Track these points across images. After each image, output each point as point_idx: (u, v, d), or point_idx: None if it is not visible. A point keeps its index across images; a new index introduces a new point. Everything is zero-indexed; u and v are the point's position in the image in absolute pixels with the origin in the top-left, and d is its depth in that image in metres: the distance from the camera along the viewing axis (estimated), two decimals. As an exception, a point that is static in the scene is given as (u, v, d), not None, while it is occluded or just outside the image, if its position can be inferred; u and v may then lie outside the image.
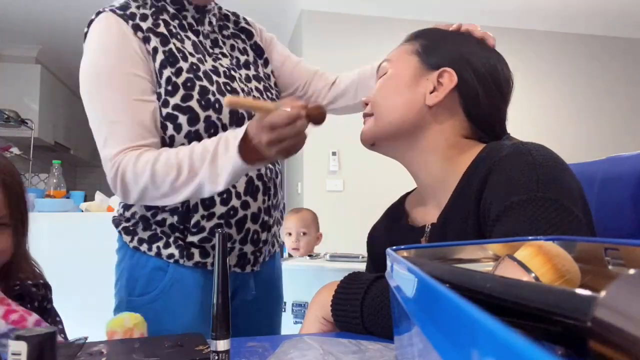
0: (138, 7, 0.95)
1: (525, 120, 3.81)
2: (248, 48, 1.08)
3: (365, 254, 0.93)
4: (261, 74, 1.06)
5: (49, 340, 0.39)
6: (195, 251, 0.96)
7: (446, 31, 0.82)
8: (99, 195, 2.72)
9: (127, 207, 1.00)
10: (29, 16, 3.83)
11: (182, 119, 0.89)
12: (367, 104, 0.82)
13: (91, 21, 0.93)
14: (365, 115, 0.82)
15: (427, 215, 0.77)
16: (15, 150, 4.01)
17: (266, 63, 1.10)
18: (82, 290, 2.39)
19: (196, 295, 0.96)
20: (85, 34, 0.95)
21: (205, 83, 0.92)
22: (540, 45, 4.09)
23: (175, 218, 0.94)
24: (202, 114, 0.90)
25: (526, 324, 0.29)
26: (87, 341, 0.56)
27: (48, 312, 0.95)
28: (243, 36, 1.09)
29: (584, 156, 0.84)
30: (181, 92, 0.90)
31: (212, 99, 0.91)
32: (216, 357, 0.46)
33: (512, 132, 0.80)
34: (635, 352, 0.21)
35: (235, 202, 0.95)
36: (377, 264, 0.87)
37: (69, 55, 4.61)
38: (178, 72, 0.91)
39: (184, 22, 0.99)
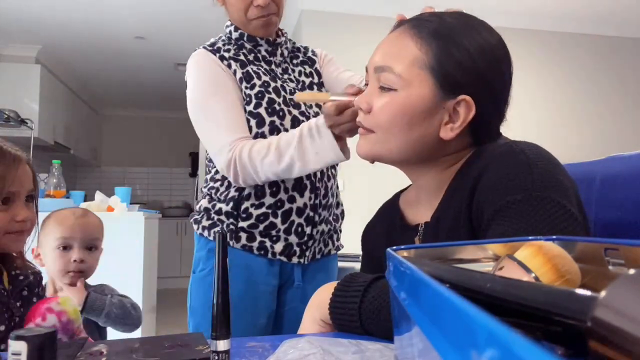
0: (224, 44, 1.20)
1: (525, 120, 3.81)
2: (314, 72, 1.29)
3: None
4: (323, 92, 1.25)
5: (49, 340, 0.39)
6: (243, 235, 1.14)
7: (453, 22, 0.70)
8: (99, 195, 2.71)
9: (197, 203, 1.23)
10: (29, 16, 3.82)
11: (253, 122, 1.12)
12: (363, 111, 0.73)
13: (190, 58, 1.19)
14: (364, 128, 0.73)
15: (421, 214, 0.77)
16: (15, 150, 4.01)
17: (321, 85, 1.29)
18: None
19: (241, 274, 1.13)
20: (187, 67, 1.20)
21: (273, 96, 1.15)
22: (540, 45, 4.08)
23: (231, 205, 1.14)
24: (267, 119, 1.12)
25: (526, 324, 0.29)
26: (87, 341, 0.56)
27: (40, 299, 0.97)
28: (310, 63, 1.31)
29: (584, 156, 0.84)
30: (254, 101, 1.13)
31: (278, 108, 1.14)
32: (216, 357, 0.46)
33: (512, 133, 0.80)
34: (635, 352, 0.21)
35: (283, 195, 1.13)
36: (372, 262, 0.87)
37: (69, 55, 4.61)
38: (252, 87, 1.14)
39: (259, 54, 1.22)
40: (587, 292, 0.26)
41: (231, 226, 1.15)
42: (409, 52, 0.68)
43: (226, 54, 1.17)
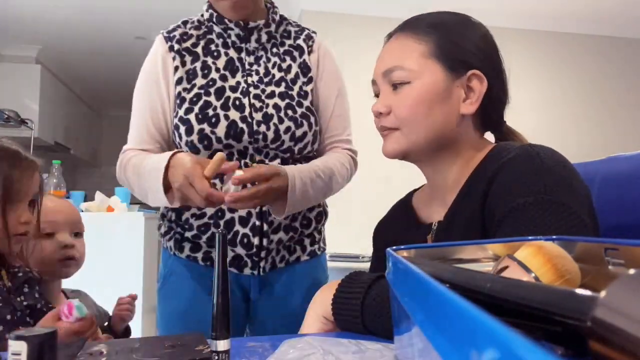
0: (190, 28, 1.07)
1: (528, 120, 3.81)
2: (294, 65, 1.08)
3: (365, 253, 0.93)
4: (293, 92, 1.05)
5: (49, 340, 0.39)
6: (187, 245, 1.04)
7: (443, 15, 0.76)
8: (99, 195, 2.72)
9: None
10: (29, 16, 3.82)
11: (182, 129, 0.99)
12: (381, 114, 0.74)
13: None
14: (387, 129, 0.75)
15: (434, 212, 0.78)
16: (15, 150, 4.01)
17: (309, 81, 1.09)
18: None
19: (188, 286, 1.05)
20: None
21: (211, 98, 1.00)
22: (543, 46, 4.09)
23: (174, 214, 1.05)
24: (196, 127, 0.98)
25: (526, 324, 0.29)
26: (87, 341, 0.56)
27: (41, 295, 0.98)
28: (295, 53, 1.09)
29: (584, 156, 0.84)
30: (186, 105, 1.00)
31: (211, 113, 0.98)
32: (216, 357, 0.46)
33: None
34: (635, 352, 0.21)
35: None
36: (383, 260, 0.87)
37: (69, 55, 4.61)
38: (191, 88, 1.01)
39: (228, 40, 1.06)
40: (587, 292, 0.26)
41: (177, 235, 1.06)
42: (411, 48, 0.73)
43: (179, 44, 1.03)
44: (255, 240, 1.00)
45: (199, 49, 1.05)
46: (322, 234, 1.16)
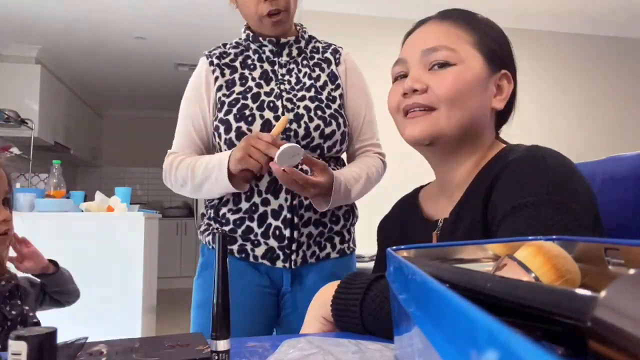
0: (229, 48, 1.22)
1: (532, 120, 3.80)
2: (323, 75, 1.21)
3: (365, 253, 0.93)
4: (322, 96, 1.17)
5: (49, 340, 0.39)
6: None
7: (477, 14, 0.79)
8: (99, 195, 2.71)
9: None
10: (29, 16, 3.82)
11: (222, 128, 1.12)
12: (416, 91, 0.72)
13: None
14: (422, 107, 0.72)
15: (440, 209, 0.78)
16: (15, 150, 4.01)
17: (337, 88, 1.21)
18: (81, 290, 2.39)
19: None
20: None
21: (248, 102, 1.13)
22: (548, 46, 4.09)
23: (212, 212, 1.16)
24: (234, 125, 1.11)
25: (526, 324, 0.29)
26: (87, 341, 0.56)
27: (23, 303, 0.96)
28: (324, 65, 1.23)
29: (588, 156, 0.84)
30: (225, 108, 1.14)
31: (247, 113, 1.11)
32: (216, 357, 0.46)
33: (518, 133, 0.81)
34: (635, 352, 0.21)
35: (256, 198, 1.10)
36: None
37: (69, 55, 4.61)
38: (230, 94, 1.15)
39: (263, 55, 1.21)
40: (587, 292, 0.26)
41: (213, 230, 1.17)
42: (458, 34, 0.74)
43: (219, 60, 1.19)
44: (287, 233, 1.09)
45: (237, 63, 1.19)
46: (352, 235, 1.23)
